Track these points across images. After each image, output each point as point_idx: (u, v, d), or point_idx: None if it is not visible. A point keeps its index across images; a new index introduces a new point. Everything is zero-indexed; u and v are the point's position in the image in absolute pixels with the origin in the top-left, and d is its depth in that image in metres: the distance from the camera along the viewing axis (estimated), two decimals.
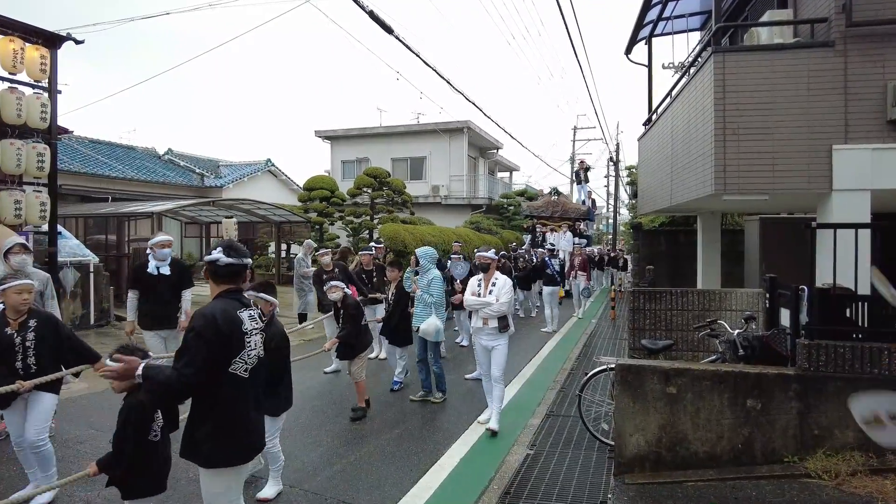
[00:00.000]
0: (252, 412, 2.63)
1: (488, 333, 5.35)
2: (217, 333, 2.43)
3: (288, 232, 18.95)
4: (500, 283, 5.32)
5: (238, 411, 2.56)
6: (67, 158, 16.79)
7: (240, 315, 2.58)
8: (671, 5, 9.29)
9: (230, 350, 2.49)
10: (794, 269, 6.23)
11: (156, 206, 14.08)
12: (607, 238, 37.75)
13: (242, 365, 2.55)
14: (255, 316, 2.66)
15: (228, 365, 2.49)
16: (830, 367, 3.70)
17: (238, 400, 2.55)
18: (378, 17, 8.88)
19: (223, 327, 2.45)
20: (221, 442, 2.51)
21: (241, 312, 2.59)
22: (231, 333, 2.49)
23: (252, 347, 2.60)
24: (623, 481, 3.80)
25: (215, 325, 2.43)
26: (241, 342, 2.54)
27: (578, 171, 23.72)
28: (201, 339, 2.40)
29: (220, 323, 2.45)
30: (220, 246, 2.61)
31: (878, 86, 5.83)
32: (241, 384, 2.55)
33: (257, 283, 4.03)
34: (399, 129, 27.72)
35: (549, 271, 11.57)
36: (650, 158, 10.60)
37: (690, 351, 6.24)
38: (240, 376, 2.54)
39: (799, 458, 3.67)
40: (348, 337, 5.66)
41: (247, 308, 2.65)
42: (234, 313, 2.56)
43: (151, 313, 5.61)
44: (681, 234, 14.52)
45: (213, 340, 2.42)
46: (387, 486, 4.21)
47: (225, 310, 2.52)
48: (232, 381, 2.51)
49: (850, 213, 5.64)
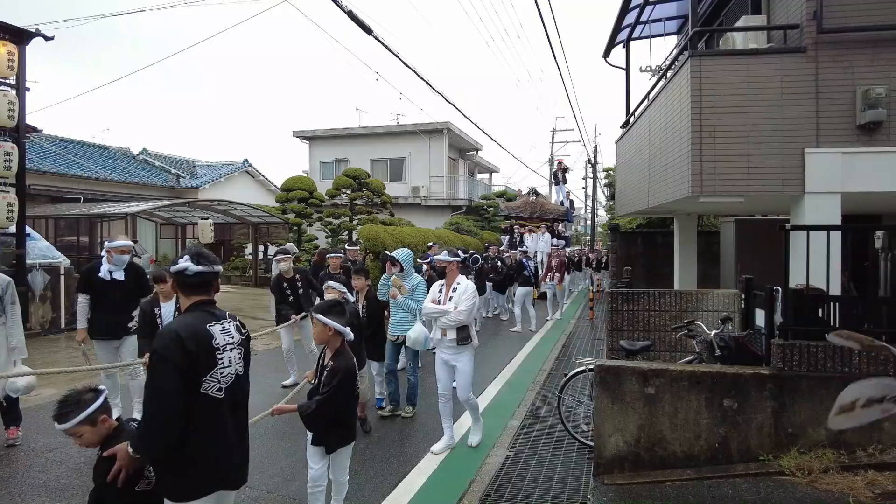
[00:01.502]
0: (231, 435, 2.37)
1: (448, 346, 4.80)
2: (183, 351, 2.19)
3: (265, 233, 18.74)
4: (461, 289, 4.77)
5: (213, 435, 2.30)
6: (36, 158, 16.38)
7: (210, 329, 2.33)
8: (649, 9, 9.40)
9: (197, 369, 2.24)
10: (768, 270, 6.34)
11: (130, 207, 13.81)
12: (585, 239, 38.11)
13: (215, 384, 2.29)
14: (229, 329, 2.41)
15: (198, 385, 2.24)
16: (804, 367, 3.77)
17: (213, 423, 2.30)
18: (357, 17, 8.83)
19: (188, 343, 2.20)
20: (193, 472, 2.26)
21: (211, 326, 2.34)
22: (198, 350, 2.24)
23: (226, 364, 2.35)
24: (602, 482, 3.82)
25: (178, 342, 2.19)
26: (211, 359, 2.29)
27: (556, 172, 23.75)
28: (167, 363, 2.17)
29: (183, 339, 2.20)
30: (188, 254, 2.39)
31: (847, 91, 5.98)
32: (215, 405, 2.30)
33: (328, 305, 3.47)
34: (378, 130, 27.62)
35: (526, 272, 11.50)
36: (628, 161, 10.72)
37: (668, 351, 6.30)
38: (213, 397, 2.29)
39: (774, 456, 3.73)
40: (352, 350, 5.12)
41: (220, 321, 2.40)
42: (201, 327, 2.31)
43: (101, 321, 5.26)
44: (658, 236, 14.71)
45: (180, 360, 2.18)
46: (366, 491, 4.16)
47: (189, 324, 2.28)
48: (205, 402, 2.26)
49: (821, 215, 5.77)
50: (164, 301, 5.02)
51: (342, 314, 3.36)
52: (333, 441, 3.32)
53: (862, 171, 5.93)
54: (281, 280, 6.94)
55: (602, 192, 32.87)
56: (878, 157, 5.91)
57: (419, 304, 5.69)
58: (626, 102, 10.87)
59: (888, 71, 5.91)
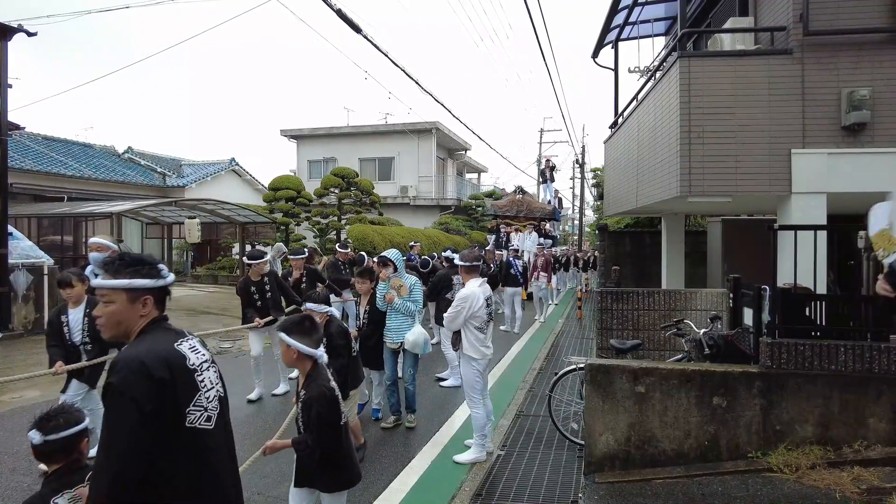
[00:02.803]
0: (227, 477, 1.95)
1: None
2: (149, 384, 1.71)
3: (253, 233, 18.61)
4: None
5: (209, 480, 1.86)
6: (19, 156, 16.13)
7: (178, 348, 1.87)
8: (637, 10, 9.46)
9: (176, 399, 1.78)
10: (755, 269, 6.43)
11: (115, 207, 13.65)
12: (573, 239, 38.30)
13: (201, 413, 1.84)
14: (196, 346, 1.96)
15: (182, 419, 1.79)
16: (791, 365, 3.82)
17: (206, 464, 1.86)
18: (346, 15, 8.79)
19: (157, 371, 1.73)
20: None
21: (179, 345, 1.88)
22: (173, 377, 1.78)
23: (208, 386, 1.90)
24: (593, 480, 3.83)
25: (143, 373, 1.71)
26: (191, 384, 1.84)
27: (544, 170, 23.61)
28: (124, 401, 1.68)
29: (150, 368, 1.72)
30: (128, 263, 1.89)
31: (833, 93, 6.06)
32: (206, 439, 1.85)
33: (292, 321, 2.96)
34: (367, 129, 27.53)
35: (513, 272, 11.31)
36: (616, 161, 10.78)
37: (657, 350, 6.36)
38: (201, 429, 1.83)
39: (762, 453, 3.77)
40: (340, 373, 4.30)
41: (185, 338, 1.93)
42: (169, 347, 1.85)
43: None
44: (646, 235, 14.81)
45: (145, 397, 1.69)
46: (357, 491, 4.14)
47: (153, 347, 1.81)
48: (193, 439, 1.81)
49: (807, 215, 5.84)
50: (71, 307, 4.49)
51: (309, 333, 2.83)
52: (325, 483, 2.85)
53: (846, 171, 6.01)
54: (248, 283, 6.40)
55: (590, 193, 33.05)
56: (861, 158, 6.00)
57: (418, 306, 5.48)
58: (615, 103, 10.93)
59: (872, 73, 6.00)
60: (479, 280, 4.70)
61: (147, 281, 1.88)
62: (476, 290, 4.57)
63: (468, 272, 4.71)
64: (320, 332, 2.97)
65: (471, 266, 4.72)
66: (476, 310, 4.50)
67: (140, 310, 1.88)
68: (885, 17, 6.05)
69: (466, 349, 4.61)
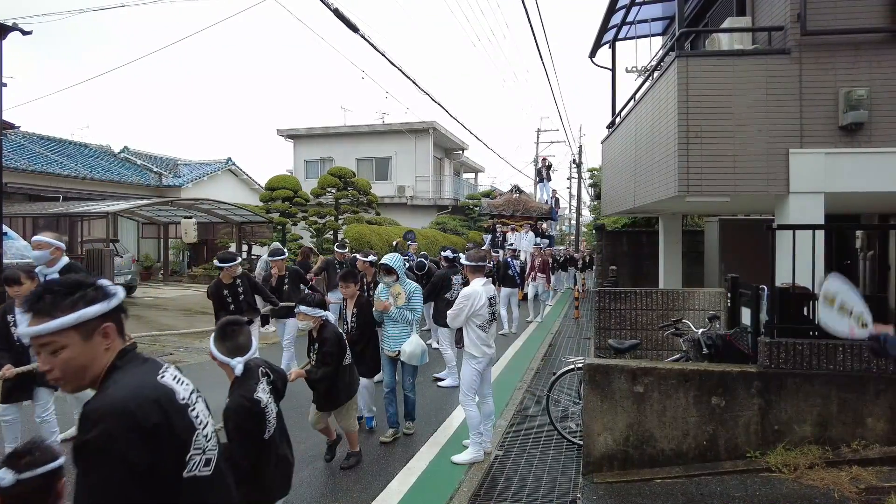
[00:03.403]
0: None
1: None
2: (140, 435, 1.36)
3: (249, 233, 18.56)
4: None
5: None
6: (14, 155, 16.05)
7: (164, 382, 1.52)
8: (635, 10, 9.46)
9: (175, 446, 1.46)
10: (752, 269, 6.43)
11: (111, 206, 13.60)
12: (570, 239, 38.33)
13: (199, 456, 1.53)
14: (178, 375, 1.63)
15: (182, 468, 1.48)
16: (790, 364, 3.82)
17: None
18: (343, 15, 8.76)
19: (148, 418, 1.39)
20: None
21: (163, 377, 1.53)
22: (169, 419, 1.44)
23: (203, 421, 1.59)
24: (592, 480, 3.83)
25: (131, 422, 1.36)
26: (187, 424, 1.51)
27: (541, 169, 23.55)
28: (109, 462, 1.33)
29: (139, 416, 1.37)
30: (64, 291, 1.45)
31: (830, 92, 6.06)
32: (206, 491, 1.55)
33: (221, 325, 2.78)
34: (364, 129, 27.51)
35: (511, 272, 11.18)
36: (614, 161, 10.78)
37: (655, 350, 6.35)
38: (200, 477, 1.53)
39: (760, 453, 3.77)
40: (323, 381, 4.21)
41: (164, 367, 1.59)
42: (154, 383, 1.49)
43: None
44: (643, 235, 14.82)
45: (136, 453, 1.35)
46: (355, 492, 4.13)
47: (139, 385, 1.45)
48: (193, 489, 1.50)
49: (805, 215, 5.84)
50: (19, 306, 3.91)
51: (231, 337, 2.59)
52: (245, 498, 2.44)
53: (844, 171, 6.01)
54: (220, 286, 6.09)
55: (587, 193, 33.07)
56: (858, 158, 6.00)
57: (417, 314, 5.24)
58: (612, 103, 10.93)
59: (869, 73, 6.01)
60: (483, 279, 4.74)
61: (100, 306, 1.46)
62: (479, 289, 4.62)
63: (474, 271, 4.76)
64: (241, 339, 2.66)
65: (476, 266, 4.77)
66: (478, 308, 4.54)
67: (102, 344, 1.47)
68: (883, 16, 6.06)
69: (468, 346, 4.66)
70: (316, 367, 4.20)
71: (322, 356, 4.17)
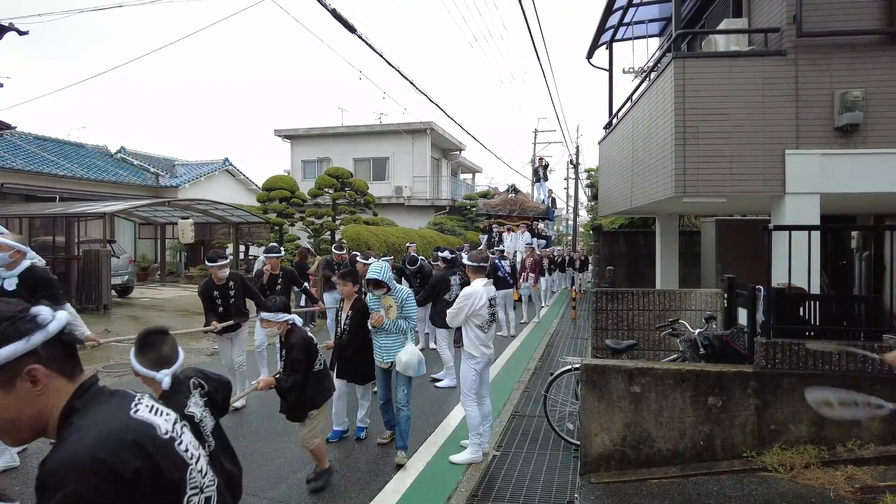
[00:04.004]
0: None
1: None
2: (119, 489, 1.11)
3: (246, 233, 18.54)
4: None
5: None
6: (10, 155, 16.02)
7: (139, 417, 1.26)
8: (632, 11, 9.48)
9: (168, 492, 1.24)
10: (748, 269, 6.46)
11: (108, 207, 13.56)
12: (567, 239, 38.37)
13: (197, 496, 1.33)
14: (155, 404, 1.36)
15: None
16: (786, 365, 3.83)
17: None
18: (341, 15, 8.76)
19: (126, 464, 1.14)
20: None
21: (136, 411, 1.27)
22: (152, 461, 1.20)
23: (194, 456, 1.36)
24: (589, 480, 3.84)
25: (104, 473, 1.10)
26: (177, 461, 1.28)
27: (537, 168, 23.34)
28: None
29: (112, 463, 1.12)
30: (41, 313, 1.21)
31: (826, 94, 6.09)
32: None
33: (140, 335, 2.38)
34: (361, 129, 27.49)
35: (501, 273, 10.69)
36: (611, 161, 10.81)
37: (652, 350, 6.37)
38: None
39: (757, 452, 3.79)
40: (294, 390, 3.90)
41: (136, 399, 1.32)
42: (127, 420, 1.23)
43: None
44: (640, 236, 14.86)
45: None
46: (353, 493, 4.13)
47: (104, 430, 1.17)
48: None
49: (801, 216, 5.87)
50: None
51: (153, 348, 2.29)
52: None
53: (839, 172, 6.04)
54: (211, 286, 5.80)
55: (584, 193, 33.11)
56: (854, 159, 6.03)
57: (412, 322, 4.88)
58: (609, 104, 10.95)
59: (865, 74, 6.04)
60: (484, 279, 4.76)
61: (15, 346, 1.14)
62: (480, 289, 4.64)
63: (475, 272, 4.78)
64: (164, 349, 2.31)
65: (478, 266, 4.79)
66: (478, 308, 4.56)
67: (33, 391, 1.17)
68: (878, 18, 6.09)
69: (467, 346, 4.67)
70: (285, 374, 3.90)
71: (290, 363, 3.89)
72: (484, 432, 4.72)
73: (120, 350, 8.37)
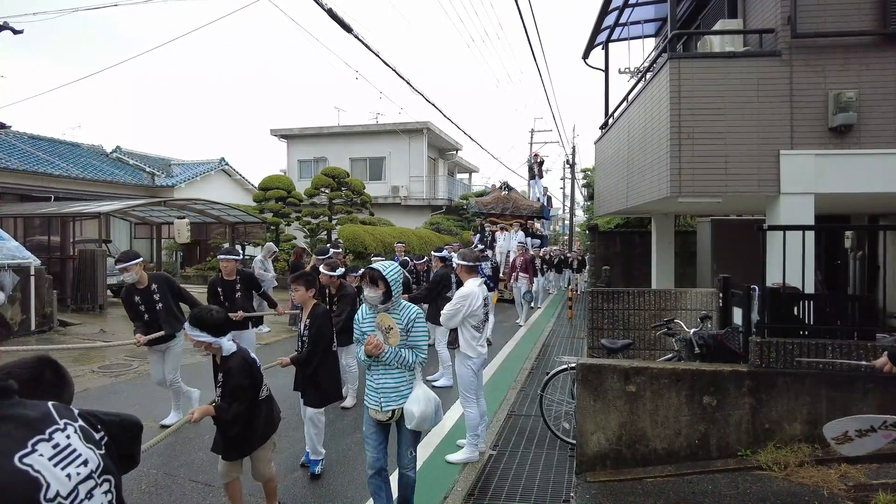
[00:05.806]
0: None
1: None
2: None
3: (243, 233, 18.50)
4: None
5: None
6: (4, 155, 15.95)
7: (24, 464, 1.00)
8: (628, 12, 9.51)
9: None
10: (744, 269, 6.49)
11: (103, 206, 13.51)
12: (563, 239, 38.43)
13: None
14: (70, 443, 1.09)
15: None
16: (780, 364, 3.86)
17: None
18: (337, 15, 8.76)
19: None
20: None
21: (26, 454, 1.01)
22: None
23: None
24: (585, 479, 3.85)
25: None
26: None
27: (532, 165, 23.09)
28: None
29: None
30: None
31: (820, 95, 6.12)
32: None
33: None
34: (358, 129, 27.47)
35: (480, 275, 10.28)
36: (607, 161, 10.84)
37: (648, 349, 6.40)
38: None
39: (751, 451, 3.81)
40: (237, 423, 3.21)
41: (45, 431, 1.06)
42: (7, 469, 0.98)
43: None
44: (636, 236, 14.91)
45: None
46: (349, 491, 4.14)
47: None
48: None
49: (796, 216, 5.90)
50: None
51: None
52: None
53: (833, 172, 6.08)
54: (132, 292, 5.05)
55: (580, 193, 33.18)
56: (848, 160, 6.07)
57: (420, 356, 3.38)
58: (605, 104, 10.98)
59: (859, 75, 6.08)
60: (478, 279, 4.76)
61: None
62: (475, 290, 4.63)
63: (468, 272, 4.77)
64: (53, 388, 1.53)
65: (472, 266, 4.79)
66: (475, 308, 4.57)
67: None
68: (872, 19, 6.12)
69: (463, 347, 4.66)
70: (226, 403, 3.17)
71: (229, 391, 3.17)
72: (480, 432, 4.74)
73: (116, 351, 8.36)
